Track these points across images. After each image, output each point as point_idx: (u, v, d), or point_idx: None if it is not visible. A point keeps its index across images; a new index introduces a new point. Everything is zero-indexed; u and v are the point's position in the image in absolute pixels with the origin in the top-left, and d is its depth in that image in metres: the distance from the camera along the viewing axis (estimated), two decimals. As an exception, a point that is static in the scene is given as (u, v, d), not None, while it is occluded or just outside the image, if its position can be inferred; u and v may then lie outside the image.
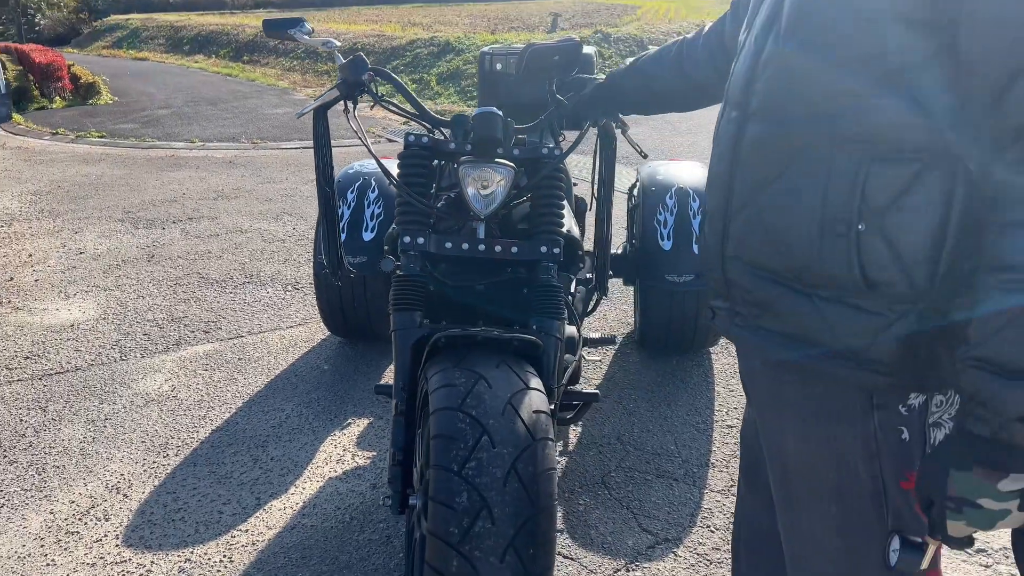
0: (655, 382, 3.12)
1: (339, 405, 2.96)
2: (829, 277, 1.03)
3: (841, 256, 1.00)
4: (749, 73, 1.11)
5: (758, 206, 1.09)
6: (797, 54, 1.03)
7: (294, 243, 4.93)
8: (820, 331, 1.06)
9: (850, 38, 0.97)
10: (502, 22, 18.82)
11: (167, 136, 9.03)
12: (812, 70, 1.02)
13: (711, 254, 1.20)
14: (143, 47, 23.35)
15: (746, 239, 1.12)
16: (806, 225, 1.03)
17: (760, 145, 1.09)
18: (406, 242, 1.81)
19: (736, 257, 1.15)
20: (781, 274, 1.08)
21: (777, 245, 1.07)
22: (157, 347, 3.48)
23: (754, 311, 1.15)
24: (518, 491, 1.43)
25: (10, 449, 2.68)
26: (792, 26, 1.04)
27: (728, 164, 1.14)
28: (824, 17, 1.00)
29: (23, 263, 4.59)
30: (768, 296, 1.11)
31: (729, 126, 1.15)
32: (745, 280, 1.14)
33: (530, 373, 1.62)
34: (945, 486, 0.95)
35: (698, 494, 2.43)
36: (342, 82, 1.93)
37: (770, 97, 1.07)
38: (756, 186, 1.09)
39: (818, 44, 1.01)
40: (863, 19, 0.96)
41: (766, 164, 1.08)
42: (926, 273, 0.98)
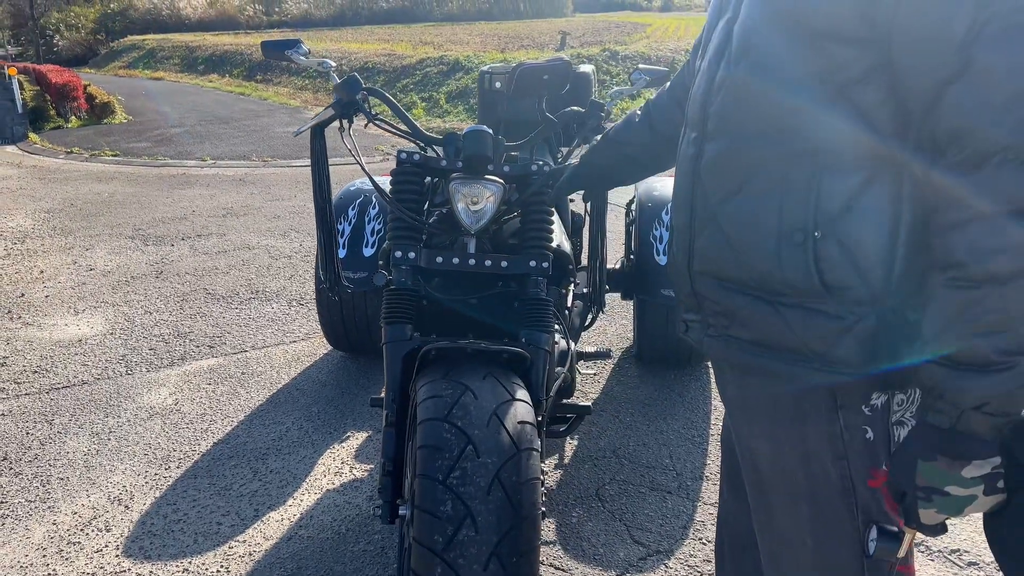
0: (652, 396, 3.14)
1: (339, 419, 3.00)
2: (790, 284, 1.08)
3: (800, 263, 1.05)
4: (704, 97, 1.17)
5: (719, 221, 1.14)
6: (747, 77, 1.10)
7: (300, 259, 4.99)
8: (785, 336, 1.10)
9: (793, 59, 1.04)
10: (512, 41, 18.98)
11: (179, 154, 9.15)
12: (761, 91, 1.08)
13: (679, 270, 1.25)
14: (158, 67, 23.67)
15: (710, 253, 1.17)
16: (765, 236, 1.08)
17: (718, 163, 1.14)
18: (398, 256, 1.85)
19: (702, 272, 1.20)
20: (745, 284, 1.13)
21: (739, 257, 1.12)
22: (162, 362, 3.53)
23: (723, 321, 1.19)
24: (501, 500, 1.46)
25: (16, 461, 2.73)
26: (741, 51, 1.11)
27: (690, 183, 1.20)
28: (768, 41, 1.07)
29: (35, 279, 4.67)
30: (735, 306, 1.16)
31: (689, 147, 1.21)
32: (712, 292, 1.19)
33: (517, 385, 1.64)
34: (914, 476, 1.00)
35: (691, 507, 2.44)
36: (337, 101, 1.99)
37: (725, 118, 1.13)
38: (717, 202, 1.15)
39: (765, 66, 1.07)
40: (803, 41, 1.02)
41: (725, 181, 1.13)
42: (882, 276, 1.03)
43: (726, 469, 1.53)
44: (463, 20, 31.33)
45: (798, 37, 1.03)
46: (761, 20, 1.08)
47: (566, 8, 37.26)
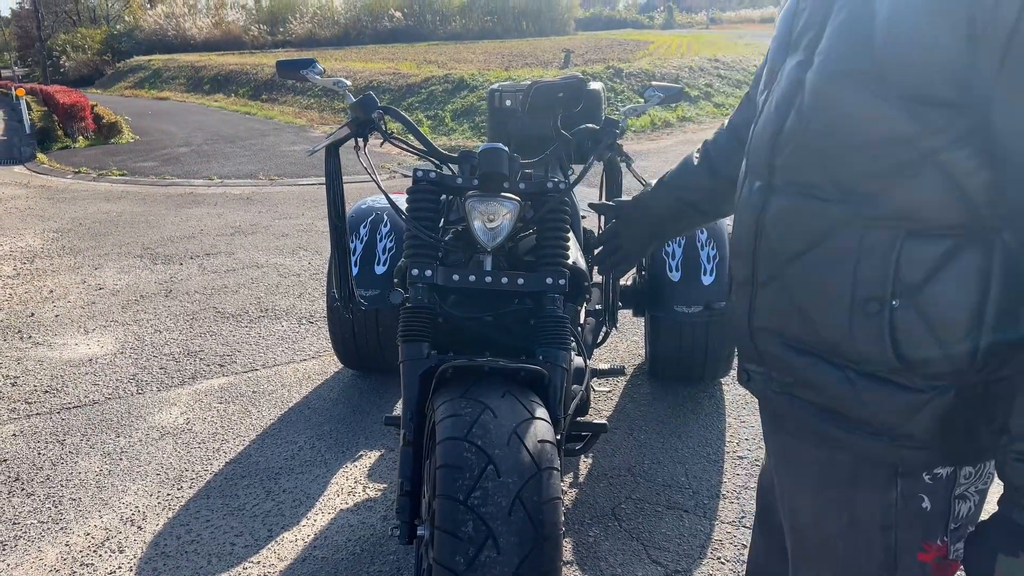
0: (666, 413, 3.12)
1: (351, 437, 2.99)
2: (862, 354, 1.01)
3: (874, 334, 0.98)
4: (770, 145, 1.08)
5: (785, 280, 1.07)
6: (822, 132, 1.01)
7: (309, 277, 4.99)
8: (854, 405, 1.04)
9: (876, 120, 0.95)
10: (516, 59, 19.08)
11: (186, 173, 9.19)
12: (838, 151, 0.99)
13: (740, 322, 1.18)
14: (164, 87, 23.84)
15: (774, 311, 1.11)
16: (836, 302, 1.01)
17: (786, 219, 1.07)
18: (414, 274, 1.85)
19: (764, 328, 1.13)
20: (813, 346, 1.06)
21: (807, 320, 1.05)
22: (173, 381, 3.52)
23: (787, 379, 1.12)
24: (523, 520, 1.45)
25: (28, 482, 2.72)
26: (815, 104, 1.01)
27: (752, 235, 1.12)
28: (848, 98, 0.97)
29: (44, 299, 4.68)
30: (800, 367, 1.09)
31: (752, 196, 1.13)
32: (776, 350, 1.12)
33: (536, 403, 1.64)
34: (992, 569, 0.96)
35: (709, 526, 2.42)
36: (352, 120, 1.99)
37: (795, 172, 1.05)
38: (783, 260, 1.07)
39: (843, 125, 0.98)
40: (890, 102, 0.93)
41: (792, 238, 1.05)
42: (966, 350, 0.95)
43: (760, 510, 1.46)
44: (467, 39, 31.53)
45: (883, 97, 0.94)
46: (840, 74, 0.98)
47: (568, 26, 37.51)
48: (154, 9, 41.48)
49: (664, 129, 11.34)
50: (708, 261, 3.01)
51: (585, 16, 44.15)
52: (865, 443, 1.04)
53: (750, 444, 2.87)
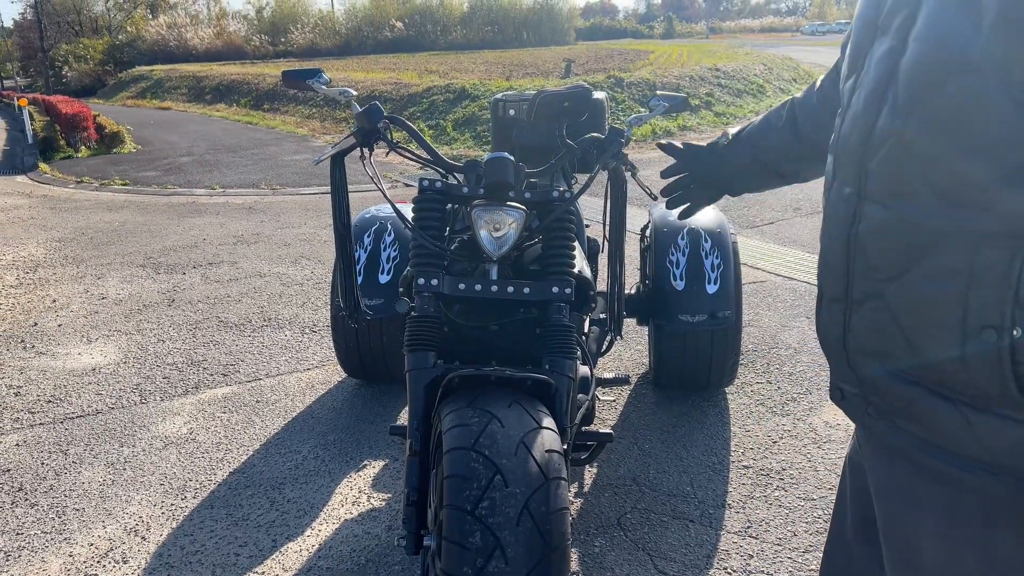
0: (670, 422, 3.11)
1: (355, 447, 2.98)
2: (976, 387, 0.89)
3: (991, 365, 0.86)
4: (861, 146, 0.96)
5: (885, 300, 0.95)
6: (920, 132, 0.89)
7: (312, 286, 4.99)
8: (967, 442, 0.92)
9: (979, 123, 0.83)
10: (517, 68, 19.15)
11: (188, 183, 9.21)
12: (939, 155, 0.87)
13: (833, 341, 1.07)
14: (166, 97, 23.92)
15: (874, 334, 0.99)
16: (945, 327, 0.89)
17: (883, 232, 0.94)
18: (420, 284, 1.85)
19: (862, 351, 1.02)
20: (919, 374, 0.95)
21: (912, 346, 0.94)
22: (176, 390, 3.52)
23: (887, 407, 1.01)
24: (531, 531, 1.44)
25: (31, 492, 2.72)
26: (911, 100, 0.89)
27: (844, 249, 1.00)
28: (945, 96, 0.85)
29: (47, 308, 4.68)
30: (903, 396, 0.97)
31: (841, 205, 1.01)
32: (875, 375, 1.00)
33: (543, 412, 1.63)
34: None
35: (715, 536, 2.41)
36: (358, 130, 1.99)
37: (891, 179, 0.93)
38: (881, 278, 0.95)
39: (946, 126, 0.86)
40: (1002, 98, 0.81)
41: (892, 254, 0.93)
42: None
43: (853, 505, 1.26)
44: (467, 48, 31.64)
45: (997, 90, 0.80)
46: (940, 64, 0.86)
47: (569, 36, 37.66)
48: (156, 20, 41.70)
49: (665, 138, 11.35)
50: (712, 270, 3.01)
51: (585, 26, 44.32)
52: (982, 481, 0.93)
53: (755, 453, 2.86)
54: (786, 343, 3.85)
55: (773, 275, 4.93)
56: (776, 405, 3.23)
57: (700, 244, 3.04)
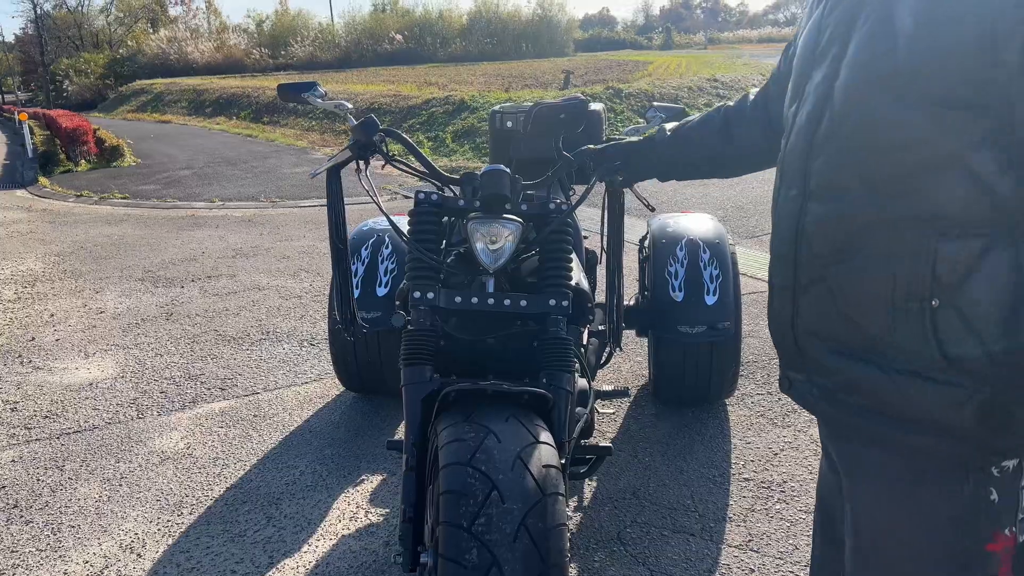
0: (670, 435, 3.09)
1: (353, 461, 2.96)
2: (905, 352, 1.03)
3: (916, 333, 1.01)
4: (805, 153, 1.13)
5: (827, 283, 1.10)
6: (853, 137, 1.05)
7: (311, 299, 4.98)
8: (899, 404, 1.06)
9: (904, 124, 0.99)
10: (516, 80, 19.19)
11: (188, 196, 9.22)
12: (870, 153, 1.03)
13: (783, 329, 1.21)
14: (166, 110, 23.98)
15: (817, 315, 1.13)
16: (878, 303, 1.04)
17: (824, 224, 1.10)
18: (416, 297, 1.83)
19: (809, 333, 1.16)
20: (856, 348, 1.09)
21: (849, 322, 1.08)
22: (174, 405, 3.50)
23: (830, 383, 1.15)
24: (528, 547, 1.42)
25: (26, 509, 2.69)
26: (845, 112, 1.06)
27: (792, 241, 1.16)
28: (876, 105, 1.02)
29: (45, 323, 4.66)
30: (843, 370, 1.11)
31: (788, 204, 1.17)
32: (820, 355, 1.15)
33: (540, 427, 1.61)
34: None
35: (716, 549, 2.38)
36: (354, 143, 1.98)
37: (830, 178, 1.09)
38: (823, 264, 1.11)
39: (873, 130, 1.03)
40: (915, 105, 0.98)
41: (831, 242, 1.09)
42: (1004, 344, 0.98)
43: (820, 520, 1.46)
44: (467, 61, 31.75)
45: (909, 102, 0.98)
46: (866, 83, 1.03)
47: (568, 48, 37.79)
48: (157, 33, 41.86)
49: (664, 149, 11.36)
50: (711, 281, 3.00)
51: (584, 38, 44.51)
52: (915, 439, 1.06)
53: (755, 466, 2.84)
54: (786, 354, 3.83)
55: (773, 285, 4.91)
56: (777, 417, 3.21)
57: (699, 255, 3.03)
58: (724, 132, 1.65)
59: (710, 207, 7.13)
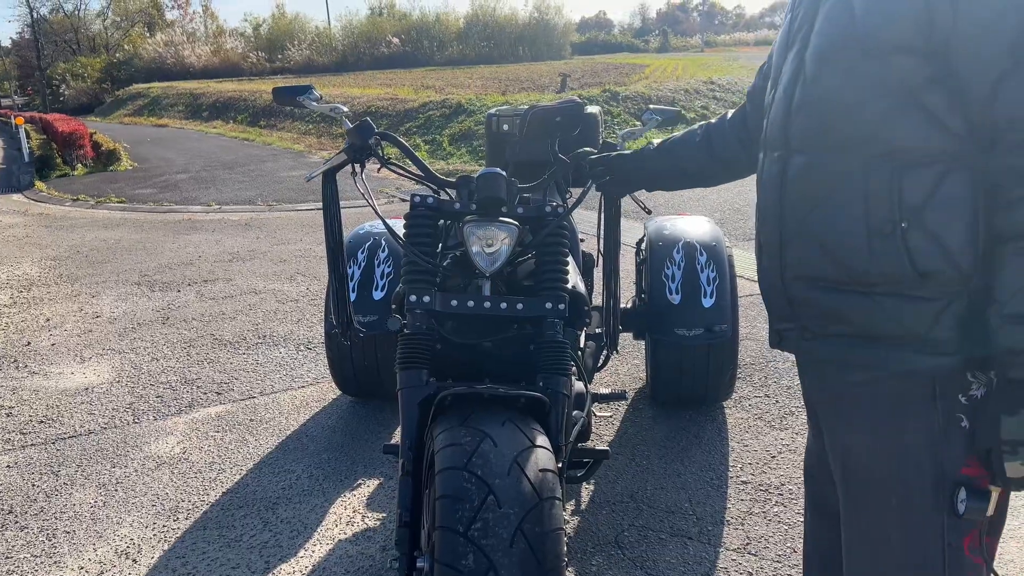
0: (668, 438, 3.09)
1: (349, 466, 2.95)
2: (884, 275, 1.17)
3: (892, 254, 1.16)
4: (784, 119, 1.30)
5: (809, 227, 1.25)
6: (826, 94, 1.23)
7: (307, 303, 4.97)
8: (885, 324, 1.20)
9: (865, 73, 1.17)
10: (513, 83, 19.20)
11: (185, 200, 9.20)
12: (841, 104, 1.21)
13: (771, 282, 1.36)
14: (163, 114, 23.96)
15: (803, 259, 1.27)
16: (856, 234, 1.19)
17: (805, 175, 1.26)
18: (412, 301, 1.83)
19: (796, 277, 1.30)
20: (841, 281, 1.23)
21: (833, 257, 1.22)
22: (170, 409, 3.49)
23: (820, 322, 1.29)
24: (525, 552, 1.41)
25: (21, 515, 2.68)
26: (816, 73, 1.24)
27: (777, 198, 1.31)
28: (841, 61, 1.20)
29: (40, 327, 4.65)
30: (832, 303, 1.25)
31: (772, 166, 1.33)
32: (808, 295, 1.28)
33: (537, 431, 1.61)
34: (998, 432, 1.09)
35: (713, 553, 2.38)
36: (349, 146, 1.98)
37: (807, 134, 1.26)
38: (806, 210, 1.26)
39: (842, 82, 1.20)
40: (872, 55, 1.16)
41: (812, 190, 1.25)
42: (968, 258, 1.13)
43: (811, 495, 1.62)
44: (463, 64, 31.76)
45: (867, 53, 1.16)
46: (833, 45, 1.21)
47: (565, 51, 37.82)
48: (153, 38, 41.84)
49: (661, 151, 11.38)
50: (708, 283, 2.99)
51: (581, 40, 44.56)
52: (900, 355, 1.19)
53: (753, 469, 2.84)
54: (783, 356, 3.83)
55: (770, 288, 4.91)
56: (774, 419, 3.21)
57: (696, 257, 3.03)
58: (706, 143, 1.81)
59: (707, 210, 7.13)
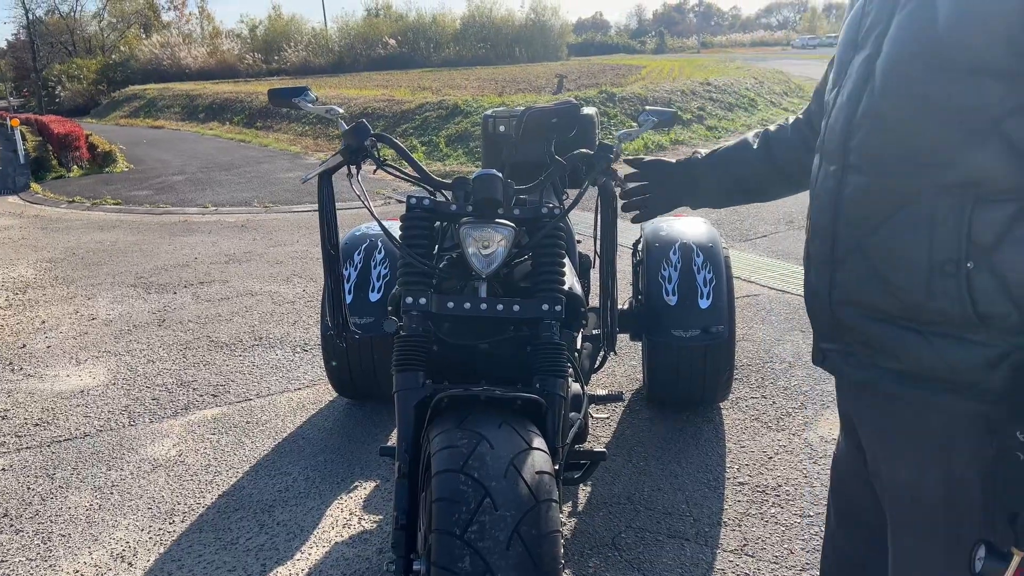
0: (665, 439, 3.08)
1: (346, 468, 2.94)
2: (941, 314, 1.08)
3: (952, 294, 1.06)
4: (845, 129, 1.18)
5: (865, 252, 1.15)
6: (894, 110, 1.11)
7: (303, 305, 4.96)
8: (935, 366, 1.11)
9: (943, 93, 1.05)
10: (509, 84, 19.21)
11: (181, 202, 9.18)
12: (910, 124, 1.09)
13: (819, 299, 1.26)
14: (159, 116, 23.91)
15: (855, 283, 1.18)
16: (915, 267, 1.09)
17: (863, 195, 1.15)
18: (408, 303, 1.82)
19: (845, 301, 1.20)
20: (893, 314, 1.14)
21: (887, 287, 1.13)
22: (166, 412, 3.48)
23: (867, 350, 1.20)
24: (522, 555, 1.41)
25: (16, 517, 2.67)
26: (886, 85, 1.12)
27: (831, 214, 1.21)
28: (917, 76, 1.08)
29: (36, 330, 4.63)
30: (881, 336, 1.16)
31: (828, 180, 1.22)
32: (857, 322, 1.19)
33: (533, 433, 1.60)
34: None
35: (710, 554, 2.38)
36: (345, 147, 1.97)
37: (869, 150, 1.15)
38: (862, 234, 1.15)
39: (913, 100, 1.08)
40: (954, 75, 1.03)
41: (870, 212, 1.14)
42: None
43: (836, 500, 1.51)
44: (460, 65, 31.77)
45: (948, 72, 1.04)
46: (908, 56, 1.09)
47: (561, 52, 37.86)
48: (149, 39, 41.81)
49: (657, 152, 11.37)
50: (705, 284, 2.99)
51: (578, 42, 44.59)
52: (949, 400, 1.11)
53: (750, 470, 2.83)
54: (780, 357, 3.83)
55: (766, 288, 4.92)
56: (771, 420, 3.21)
57: (692, 259, 3.03)
58: (764, 151, 1.63)
59: (703, 211, 7.13)
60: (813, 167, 1.30)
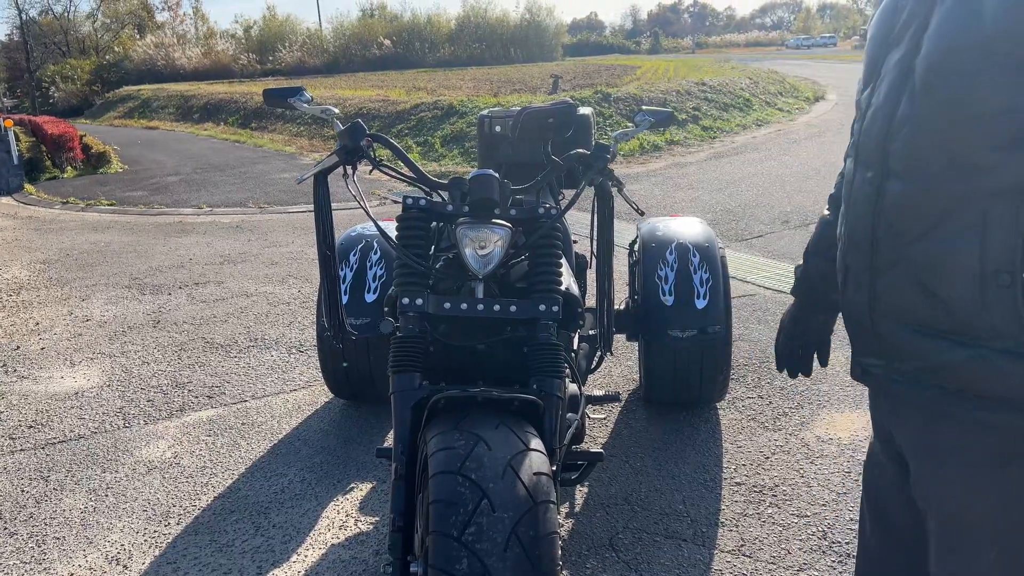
0: (662, 439, 3.08)
1: (342, 469, 2.93)
2: (994, 328, 1.01)
3: (1007, 306, 0.99)
4: (883, 133, 1.11)
5: (908, 263, 1.08)
6: (937, 112, 1.04)
7: (299, 306, 4.95)
8: (990, 383, 1.04)
9: (994, 90, 0.98)
10: (504, 85, 19.20)
11: (175, 203, 9.16)
12: (956, 126, 1.02)
13: (859, 313, 1.19)
14: (154, 116, 23.85)
15: (898, 296, 1.11)
16: (964, 279, 1.02)
17: (904, 202, 1.08)
18: (405, 303, 1.82)
19: (889, 314, 1.13)
20: (941, 329, 1.07)
21: (934, 300, 1.06)
22: (161, 413, 3.46)
23: (913, 366, 1.13)
24: (519, 556, 1.41)
25: (10, 521, 2.65)
26: (927, 85, 1.05)
27: (869, 223, 1.13)
28: (963, 73, 1.00)
29: (30, 331, 4.61)
30: (929, 351, 1.09)
31: (865, 186, 1.15)
32: (901, 338, 1.12)
33: (530, 434, 1.60)
34: None
35: (708, 555, 2.37)
36: (341, 148, 1.97)
37: (910, 155, 1.07)
38: (905, 243, 1.08)
39: (960, 100, 1.01)
40: (1006, 70, 0.97)
41: (914, 221, 1.07)
42: None
43: (871, 508, 1.44)
44: (455, 65, 31.77)
45: (998, 67, 0.97)
46: (953, 52, 1.02)
47: (556, 52, 37.90)
48: (144, 39, 41.71)
49: (653, 152, 11.38)
50: (701, 284, 2.99)
51: (573, 42, 44.65)
52: (1006, 418, 1.04)
53: (747, 470, 2.83)
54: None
55: (763, 288, 4.92)
56: (768, 420, 3.20)
57: (688, 259, 3.03)
58: None
59: (700, 211, 7.13)
60: (847, 172, 1.23)
